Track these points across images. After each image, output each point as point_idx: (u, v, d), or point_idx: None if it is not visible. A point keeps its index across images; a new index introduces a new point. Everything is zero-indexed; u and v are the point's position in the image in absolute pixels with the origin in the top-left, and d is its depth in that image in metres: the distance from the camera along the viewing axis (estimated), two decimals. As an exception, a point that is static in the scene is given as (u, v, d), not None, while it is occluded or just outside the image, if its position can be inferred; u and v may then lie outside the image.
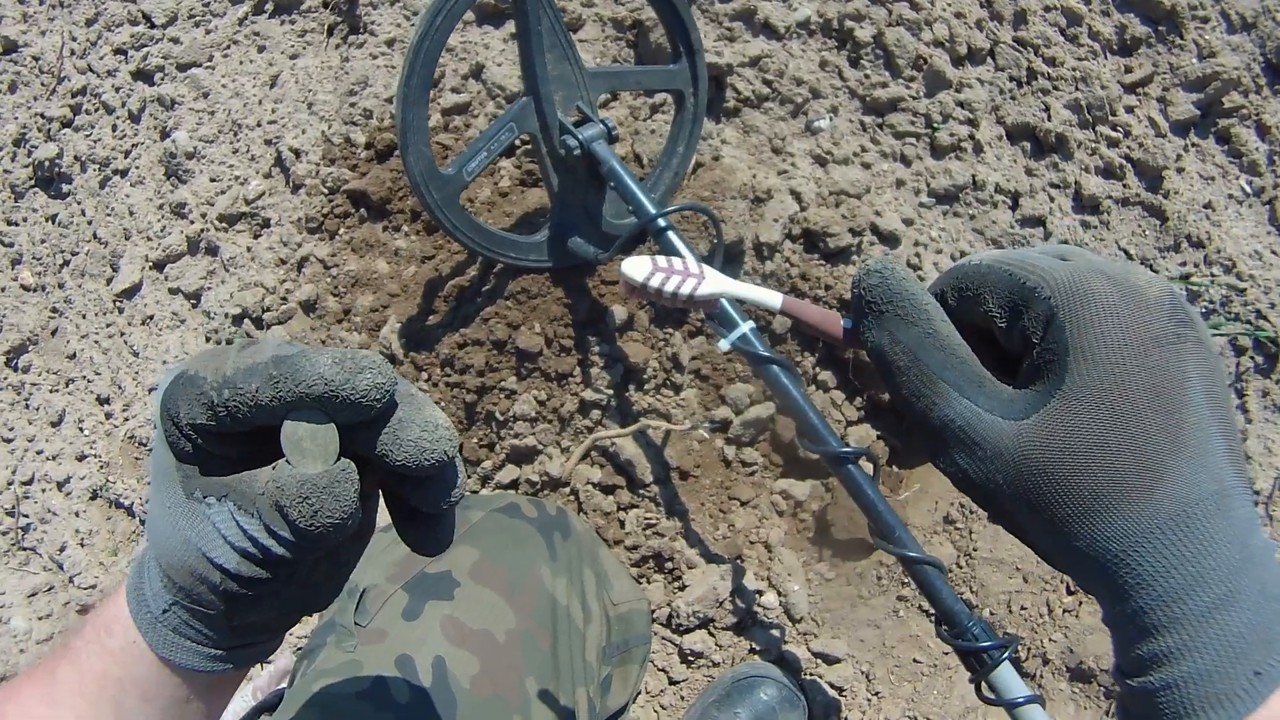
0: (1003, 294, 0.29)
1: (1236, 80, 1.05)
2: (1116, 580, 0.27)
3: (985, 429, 0.28)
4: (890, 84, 0.99)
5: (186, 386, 0.29)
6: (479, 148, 0.80)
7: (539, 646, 0.67)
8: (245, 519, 0.29)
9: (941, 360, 0.29)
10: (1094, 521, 0.27)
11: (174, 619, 0.33)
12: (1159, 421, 0.26)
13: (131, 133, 1.09)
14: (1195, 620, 0.26)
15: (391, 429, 0.29)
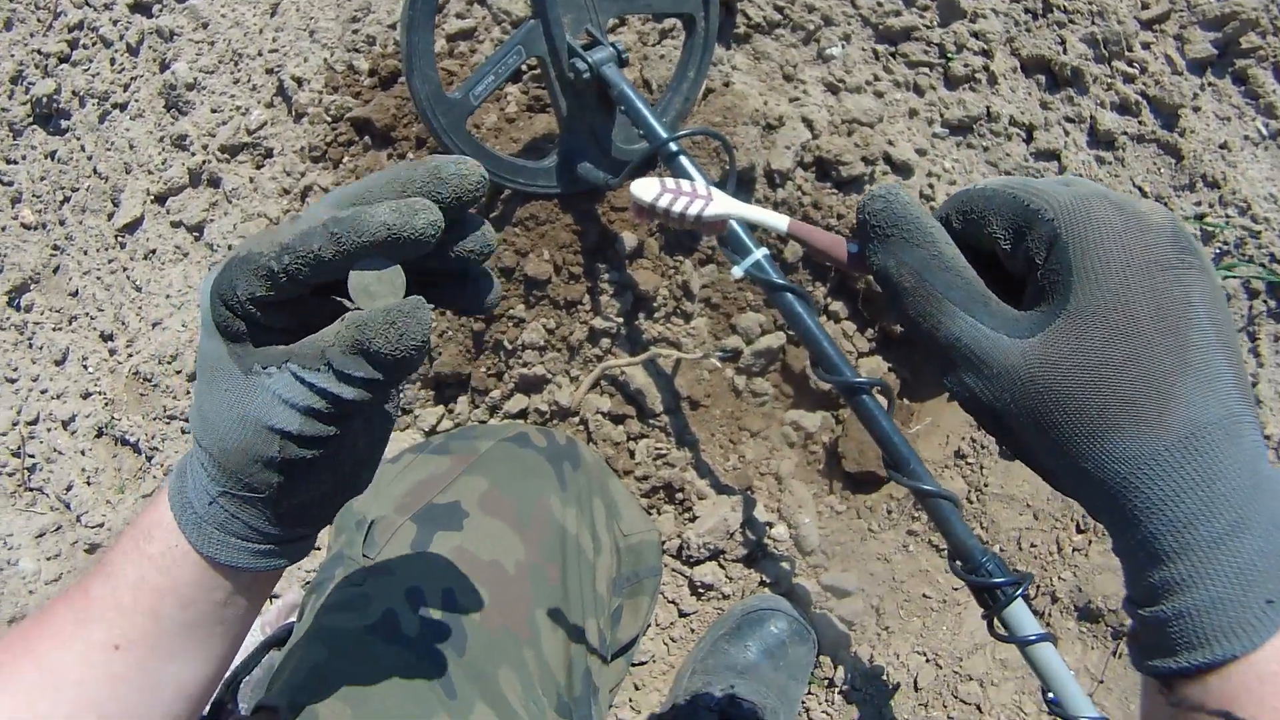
0: (1007, 216, 0.29)
1: (1255, 21, 1.03)
2: (1125, 505, 0.27)
3: (991, 346, 0.28)
4: (904, 12, 0.98)
5: (242, 264, 0.30)
6: (486, 71, 0.79)
7: (548, 578, 0.66)
8: (311, 374, 0.30)
9: (947, 281, 0.29)
10: (1102, 442, 0.26)
11: (220, 512, 0.33)
12: (1165, 343, 0.26)
13: (130, 66, 1.07)
14: (1206, 547, 0.26)
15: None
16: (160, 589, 0.33)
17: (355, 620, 0.57)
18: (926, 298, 0.29)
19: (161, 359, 0.99)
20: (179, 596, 0.34)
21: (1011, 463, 0.98)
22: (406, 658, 0.55)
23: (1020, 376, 0.27)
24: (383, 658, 0.55)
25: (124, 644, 0.34)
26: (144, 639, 0.34)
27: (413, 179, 0.30)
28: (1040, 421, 0.27)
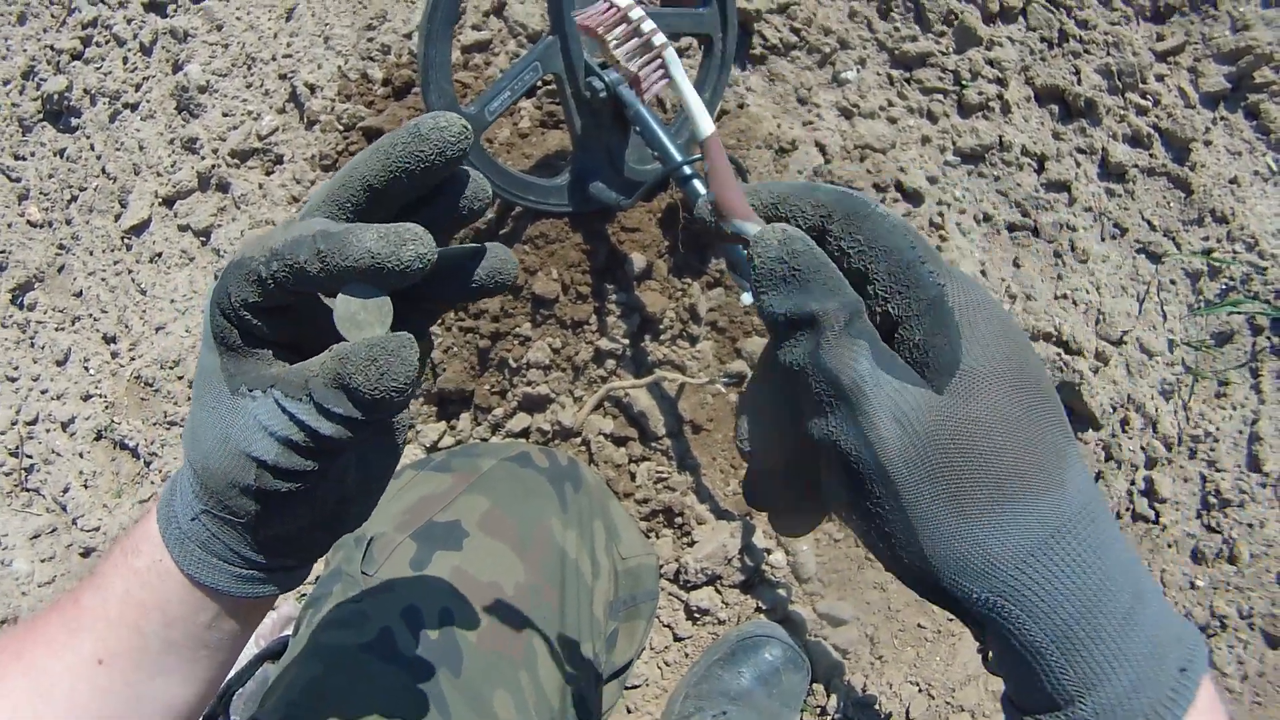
0: (890, 267, 0.28)
1: (1269, 55, 1.03)
2: (1020, 590, 0.25)
3: (898, 391, 0.26)
4: (920, 38, 0.97)
5: (235, 270, 0.29)
6: (502, 87, 0.78)
7: (547, 601, 0.66)
8: (293, 404, 0.29)
9: (856, 324, 0.27)
10: (1010, 507, 0.25)
11: (202, 531, 0.32)
12: (1052, 410, 0.27)
13: (143, 65, 1.07)
14: (1117, 627, 0.25)
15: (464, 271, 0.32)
16: (145, 604, 0.33)
17: (352, 638, 0.57)
18: (838, 336, 0.27)
19: (164, 364, 0.99)
20: (163, 614, 0.33)
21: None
22: (402, 677, 0.55)
23: (931, 427, 0.25)
24: (378, 676, 0.55)
25: (108, 658, 0.33)
26: (128, 654, 0.34)
27: (395, 144, 0.29)
28: (947, 478, 0.25)
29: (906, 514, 0.26)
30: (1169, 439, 1.00)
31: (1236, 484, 1.00)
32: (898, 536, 0.26)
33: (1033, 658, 0.25)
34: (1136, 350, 0.99)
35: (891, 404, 0.26)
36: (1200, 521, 1.01)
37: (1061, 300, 0.98)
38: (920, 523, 0.26)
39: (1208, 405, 1.02)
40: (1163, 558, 1.01)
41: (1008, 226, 0.99)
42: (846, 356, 0.26)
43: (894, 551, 0.27)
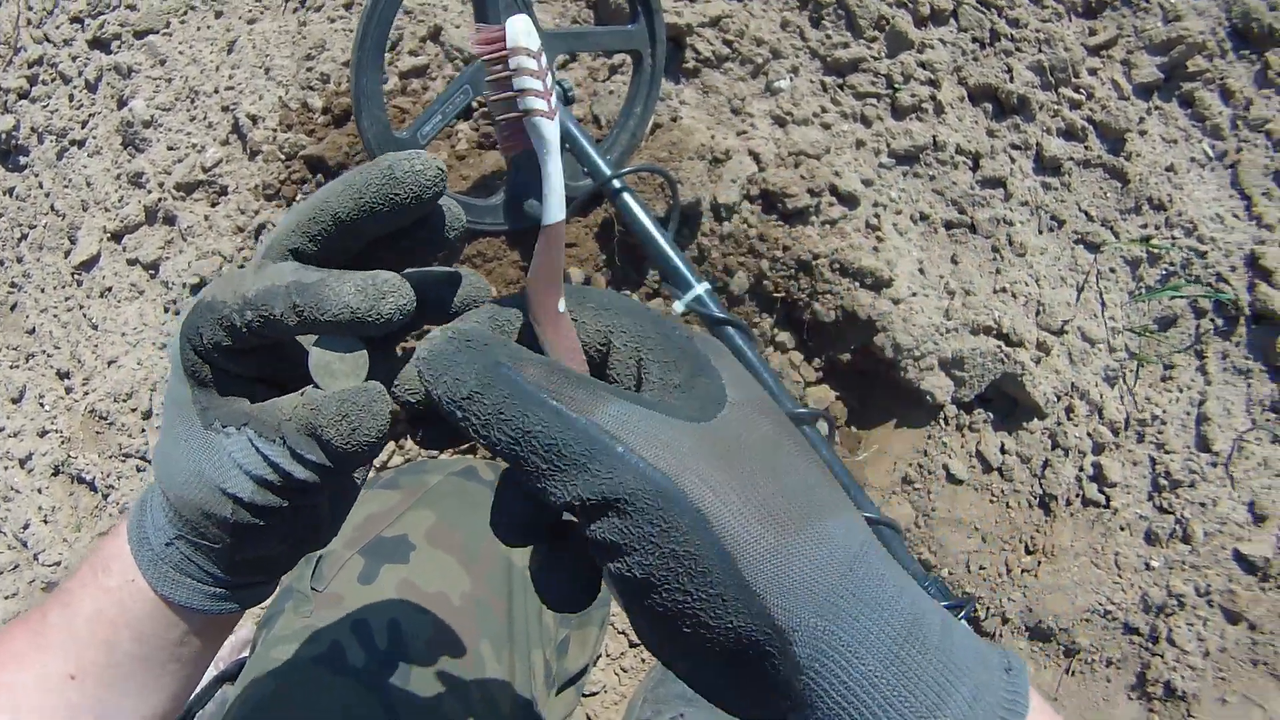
0: (638, 319, 0.28)
1: (1201, 44, 1.05)
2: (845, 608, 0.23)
3: (665, 424, 0.24)
4: (852, 44, 0.99)
5: (206, 312, 0.29)
6: (434, 111, 0.80)
7: (494, 610, 0.67)
8: (266, 445, 0.29)
9: (582, 375, 0.25)
10: (819, 522, 0.24)
11: (176, 554, 0.33)
12: (807, 448, 0.27)
13: (89, 102, 1.08)
14: (939, 639, 0.24)
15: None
16: (115, 622, 0.34)
17: (303, 652, 0.58)
18: (565, 383, 0.24)
19: (117, 397, 0.99)
20: (133, 630, 0.34)
21: (959, 486, 0.99)
22: (353, 688, 0.56)
23: (712, 452, 0.24)
24: (330, 689, 0.56)
25: (79, 674, 0.34)
26: (99, 670, 0.34)
27: (369, 184, 0.28)
28: (755, 497, 0.24)
29: (719, 542, 0.23)
30: (1115, 424, 1.01)
31: (1186, 464, 1.01)
32: (712, 574, 0.23)
33: (868, 694, 0.23)
34: (1078, 339, 1.01)
35: (652, 433, 0.23)
36: (1152, 503, 1.03)
37: (1000, 294, 0.99)
38: (737, 546, 0.23)
39: (1154, 389, 1.04)
40: (1115, 541, 1.03)
41: (945, 224, 1.00)
42: (589, 401, 0.24)
43: (707, 596, 0.23)
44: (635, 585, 0.24)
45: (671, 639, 0.25)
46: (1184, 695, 0.98)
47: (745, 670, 0.24)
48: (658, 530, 0.23)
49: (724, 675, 0.25)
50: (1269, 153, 1.04)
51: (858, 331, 0.93)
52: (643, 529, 0.23)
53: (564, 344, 0.28)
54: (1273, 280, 1.01)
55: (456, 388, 0.24)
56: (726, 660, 0.24)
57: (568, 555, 0.28)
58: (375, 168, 0.28)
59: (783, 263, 0.91)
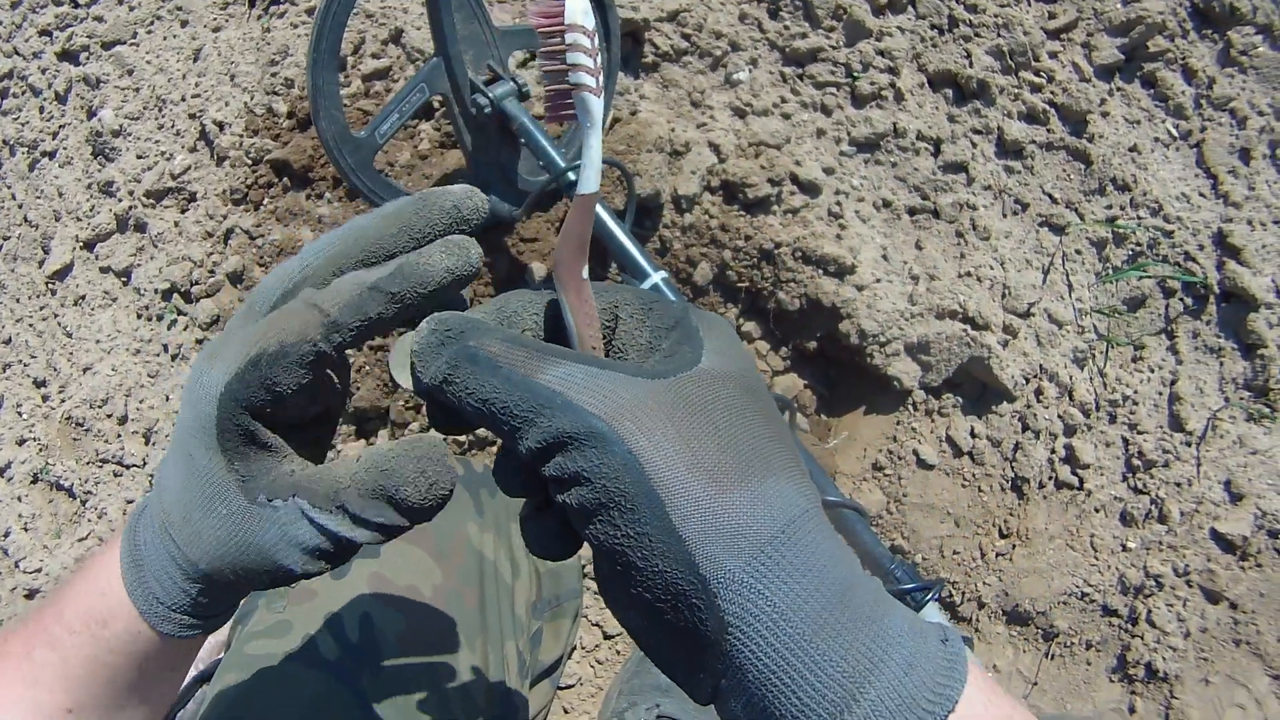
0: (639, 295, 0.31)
1: (1162, 24, 1.06)
2: (778, 566, 0.24)
3: (613, 379, 0.25)
4: (810, 34, 1.00)
5: (277, 361, 0.29)
6: (391, 109, 0.81)
7: (465, 602, 0.67)
8: (323, 516, 0.29)
9: (544, 345, 0.27)
10: (759, 482, 0.25)
11: (194, 604, 0.33)
12: (782, 423, 0.28)
13: (59, 114, 1.09)
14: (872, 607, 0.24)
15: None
16: (117, 665, 0.34)
17: (276, 647, 0.58)
18: (524, 354, 0.26)
19: (93, 403, 1.00)
20: (137, 667, 0.35)
21: (930, 471, 1.00)
22: (326, 681, 0.57)
23: (657, 403, 0.25)
24: (303, 682, 0.56)
25: (78, 708, 0.35)
26: (97, 703, 0.35)
27: (431, 224, 0.30)
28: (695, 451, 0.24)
29: (649, 483, 0.24)
30: (1086, 406, 1.02)
31: (1160, 444, 1.01)
32: (639, 512, 0.24)
33: (797, 657, 0.23)
34: (1045, 321, 1.01)
35: (604, 389, 0.25)
36: (1126, 484, 1.03)
37: (965, 278, 1.00)
38: (668, 491, 0.24)
39: (1124, 370, 1.04)
40: (1091, 523, 1.03)
41: (908, 210, 1.01)
42: (539, 365, 0.26)
43: (635, 535, 0.24)
44: (577, 517, 0.25)
45: (615, 583, 0.26)
46: (1166, 676, 0.98)
47: (677, 626, 0.25)
48: (591, 465, 0.24)
49: (659, 631, 0.26)
50: (1234, 130, 1.05)
51: (823, 319, 0.94)
52: (578, 464, 0.24)
53: (584, 308, 0.30)
54: (1241, 258, 1.01)
55: (437, 374, 0.27)
56: (659, 611, 0.25)
57: (549, 508, 0.30)
58: (433, 207, 0.30)
59: (745, 252, 0.92)
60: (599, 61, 0.29)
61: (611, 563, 0.25)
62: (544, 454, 0.25)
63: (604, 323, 0.31)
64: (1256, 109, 1.04)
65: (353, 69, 0.98)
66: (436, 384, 0.27)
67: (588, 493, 0.24)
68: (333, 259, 0.31)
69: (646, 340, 0.30)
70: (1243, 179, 1.03)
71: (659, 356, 0.29)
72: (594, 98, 0.28)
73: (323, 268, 0.31)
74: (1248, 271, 1.00)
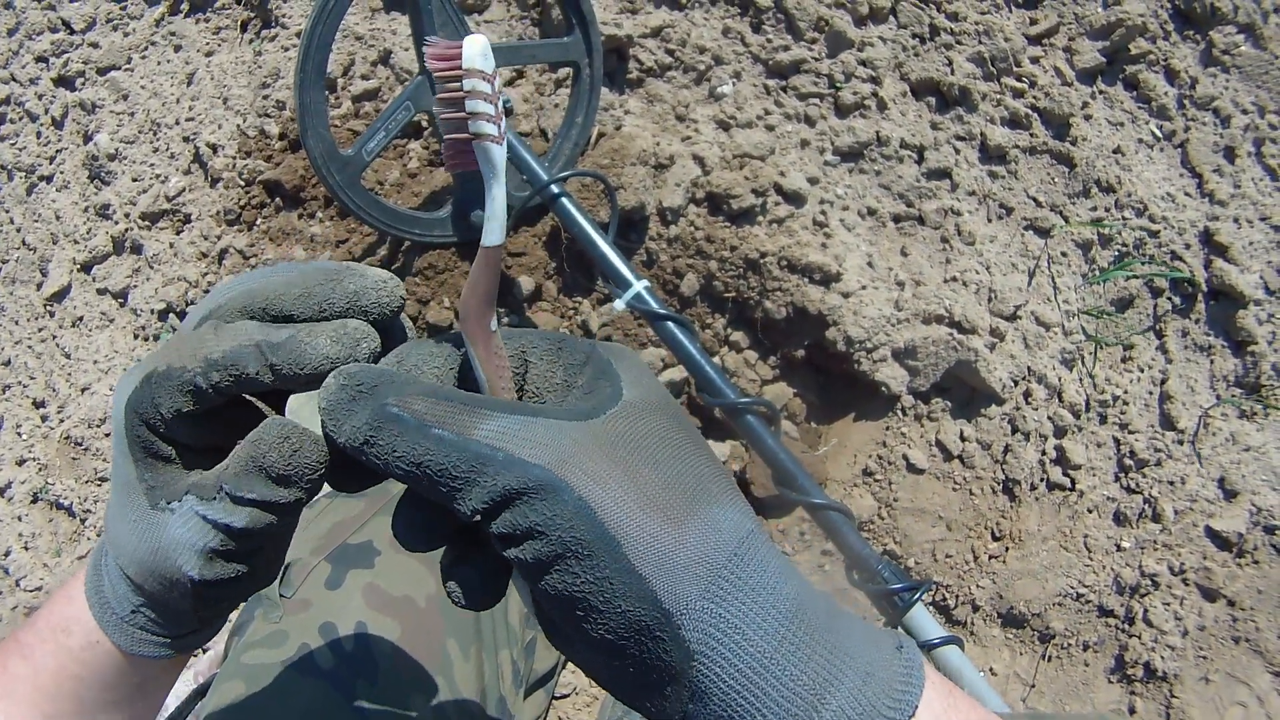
0: (543, 346, 0.30)
1: (1143, 26, 1.07)
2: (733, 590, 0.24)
3: (545, 428, 0.25)
4: (793, 47, 1.01)
5: (163, 380, 0.29)
6: (377, 128, 0.82)
7: (459, 612, 0.68)
8: (205, 506, 0.29)
9: (468, 395, 0.26)
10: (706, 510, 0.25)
11: (142, 618, 0.33)
12: (705, 445, 0.28)
13: (55, 138, 1.11)
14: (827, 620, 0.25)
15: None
16: (82, 677, 0.35)
17: (272, 656, 0.59)
18: (450, 410, 0.25)
19: (91, 423, 1.02)
20: (101, 682, 0.35)
21: (920, 476, 1.00)
22: (321, 689, 0.57)
23: (596, 446, 0.25)
24: (298, 691, 0.57)
25: (53, 716, 0.35)
26: (70, 715, 0.35)
27: (331, 301, 0.29)
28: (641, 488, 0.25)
29: (604, 528, 0.24)
30: (1076, 407, 1.02)
31: (1151, 443, 1.02)
32: (598, 557, 0.24)
33: (759, 675, 0.24)
34: (1032, 323, 1.02)
35: (534, 439, 0.25)
36: (1119, 484, 1.03)
37: (951, 283, 1.00)
38: (623, 533, 0.24)
39: (1114, 370, 1.04)
40: (1084, 523, 1.03)
41: (893, 218, 1.02)
42: (466, 422, 0.25)
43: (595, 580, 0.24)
44: (531, 571, 0.25)
45: (572, 628, 0.26)
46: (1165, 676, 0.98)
47: (641, 660, 0.25)
48: (543, 518, 0.24)
49: (622, 668, 0.26)
50: (1218, 130, 1.05)
51: (810, 327, 0.94)
52: (531, 519, 0.24)
53: (494, 360, 0.29)
54: (1229, 255, 1.01)
55: (354, 435, 0.26)
56: (622, 649, 0.25)
57: (476, 554, 0.30)
58: (339, 287, 0.29)
59: (731, 263, 0.93)
60: (499, 107, 0.27)
61: (568, 609, 0.25)
62: (489, 512, 0.25)
63: (514, 369, 0.30)
64: (1240, 107, 1.04)
65: (342, 90, 1.00)
66: (355, 445, 0.26)
67: (542, 546, 0.24)
68: (238, 299, 0.30)
69: (561, 379, 0.29)
70: (1228, 177, 1.04)
71: (577, 394, 0.28)
72: (495, 146, 0.27)
73: (229, 305, 0.30)
74: (1235, 269, 1.00)
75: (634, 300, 0.75)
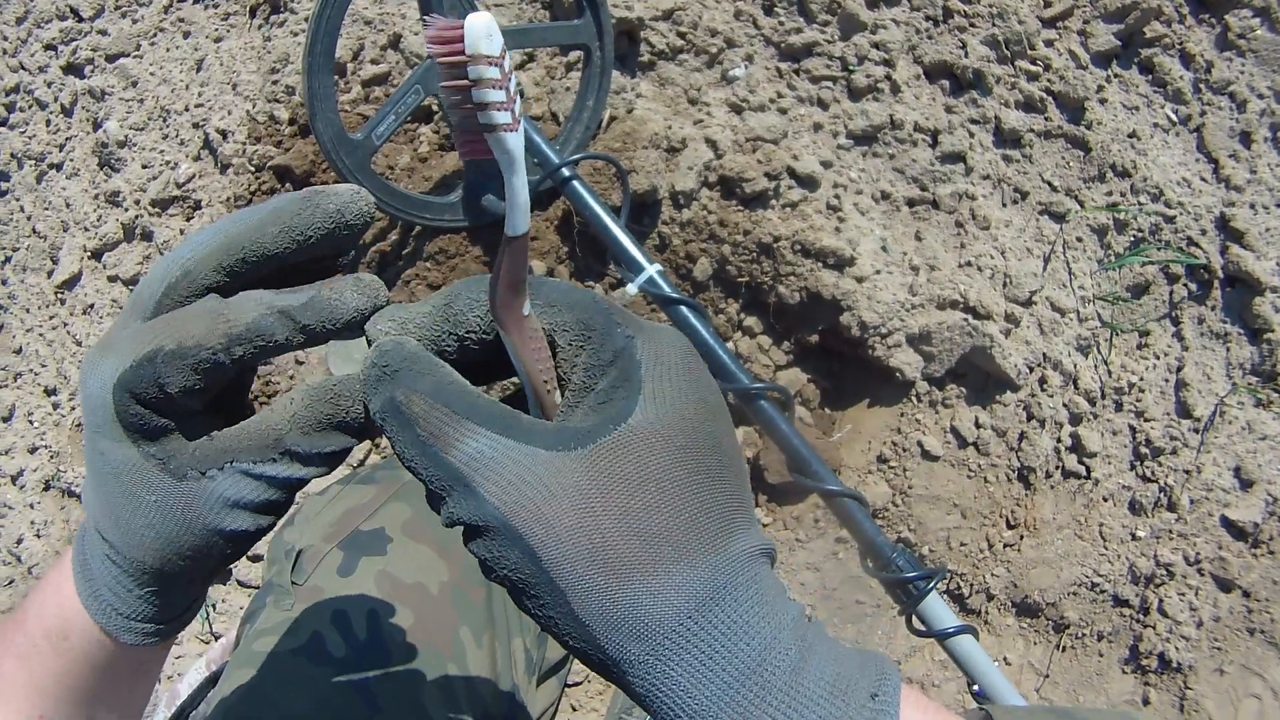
0: (581, 315, 0.28)
1: (1158, 9, 1.05)
2: (680, 652, 0.24)
3: (523, 458, 0.25)
4: (805, 29, 1.00)
5: (172, 361, 0.29)
6: (386, 112, 0.81)
7: (471, 598, 0.68)
8: (264, 466, 0.30)
9: (466, 403, 0.26)
10: (662, 569, 0.25)
11: (150, 608, 0.33)
12: (728, 478, 0.27)
13: (65, 126, 1.11)
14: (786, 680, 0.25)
15: None
16: (81, 675, 0.35)
17: (284, 644, 0.59)
18: (441, 419, 0.26)
19: (102, 410, 1.02)
20: (103, 677, 0.35)
21: (935, 463, 0.99)
22: (333, 677, 0.57)
23: (562, 488, 0.25)
24: (310, 678, 0.56)
25: (49, 715, 0.35)
26: (66, 709, 0.35)
27: (314, 226, 0.30)
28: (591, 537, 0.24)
29: (549, 575, 0.24)
30: (1091, 394, 1.01)
31: (1167, 431, 1.01)
32: (544, 599, 0.25)
33: None
34: (1047, 309, 1.01)
35: (508, 471, 0.25)
36: (1134, 472, 1.02)
37: (966, 268, 0.99)
38: (568, 584, 0.24)
39: (1129, 357, 1.03)
40: (1099, 512, 1.02)
41: (907, 202, 1.01)
42: (451, 435, 0.26)
43: (545, 617, 0.25)
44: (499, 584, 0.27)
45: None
46: (1179, 666, 0.97)
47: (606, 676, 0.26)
48: (492, 556, 0.25)
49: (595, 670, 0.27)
50: (1234, 114, 1.04)
51: (823, 312, 0.94)
52: (481, 553, 0.26)
53: (530, 344, 0.28)
54: (1245, 242, 1.00)
55: (375, 414, 0.28)
56: (589, 662, 0.26)
57: None
58: (310, 205, 0.30)
59: (744, 247, 0.92)
60: (512, 89, 0.24)
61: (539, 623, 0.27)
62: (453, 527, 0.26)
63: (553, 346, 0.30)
64: (1256, 92, 1.03)
65: (352, 75, 0.99)
66: (378, 424, 0.28)
67: (501, 574, 0.26)
68: (213, 255, 0.30)
69: (580, 380, 0.28)
70: (1244, 163, 1.03)
71: (589, 402, 0.27)
72: (510, 135, 0.24)
73: (203, 263, 0.30)
74: (1251, 255, 0.99)
75: (647, 284, 0.74)
